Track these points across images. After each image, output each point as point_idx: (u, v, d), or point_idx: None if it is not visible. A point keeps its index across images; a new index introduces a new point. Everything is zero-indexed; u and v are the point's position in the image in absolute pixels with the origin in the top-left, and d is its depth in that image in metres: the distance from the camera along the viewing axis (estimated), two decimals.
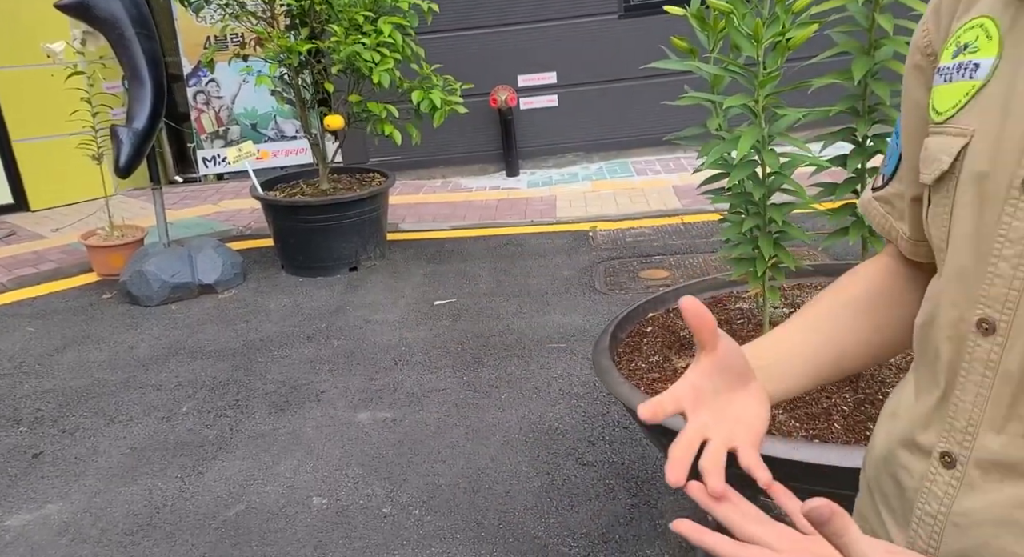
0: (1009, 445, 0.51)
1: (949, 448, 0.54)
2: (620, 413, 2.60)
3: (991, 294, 0.51)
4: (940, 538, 0.55)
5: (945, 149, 0.55)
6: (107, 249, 4.16)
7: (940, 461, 0.55)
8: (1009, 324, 0.50)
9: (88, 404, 2.98)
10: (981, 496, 0.52)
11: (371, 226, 4.16)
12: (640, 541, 2.03)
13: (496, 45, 5.44)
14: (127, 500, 2.38)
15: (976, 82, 0.54)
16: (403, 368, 3.06)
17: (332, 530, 2.18)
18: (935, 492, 0.55)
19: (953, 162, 0.54)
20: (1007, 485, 0.51)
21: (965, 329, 0.53)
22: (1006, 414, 0.50)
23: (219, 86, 5.81)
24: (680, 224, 4.39)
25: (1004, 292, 0.50)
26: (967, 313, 0.53)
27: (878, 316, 0.69)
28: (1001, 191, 0.51)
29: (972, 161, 0.53)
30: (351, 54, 3.72)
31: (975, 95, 0.54)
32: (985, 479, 0.52)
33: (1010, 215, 0.50)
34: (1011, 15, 0.53)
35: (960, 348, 0.53)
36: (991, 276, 0.51)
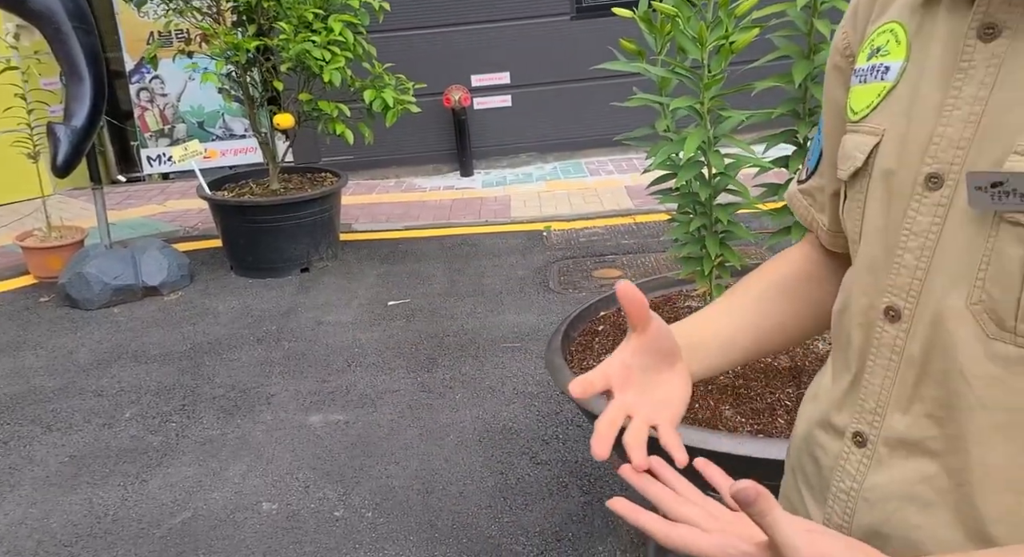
0: (913, 425, 0.54)
1: (860, 428, 0.57)
2: (573, 412, 2.61)
3: (897, 283, 0.54)
4: (853, 513, 0.57)
5: (859, 147, 0.58)
6: (45, 251, 4.00)
7: (853, 440, 0.58)
8: (912, 311, 0.53)
9: (23, 412, 2.86)
10: (888, 472, 0.55)
11: (323, 226, 4.10)
12: (593, 538, 2.05)
13: (449, 45, 5.42)
14: (65, 510, 2.29)
15: (886, 84, 0.57)
16: (356, 370, 3.02)
17: (282, 535, 2.14)
18: (848, 470, 0.58)
19: (866, 159, 0.57)
20: (911, 461, 0.54)
21: (874, 316, 0.56)
22: (910, 395, 0.54)
23: (164, 83, 5.65)
24: (632, 224, 4.44)
25: (908, 281, 0.53)
26: (876, 301, 0.56)
27: (796, 301, 0.72)
28: (907, 187, 0.54)
29: (882, 159, 0.56)
30: (301, 52, 3.66)
31: (885, 96, 0.57)
32: (892, 456, 0.55)
33: (915, 210, 0.53)
34: (917, 21, 0.56)
35: (869, 334, 0.56)
36: (897, 266, 0.54)
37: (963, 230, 0.50)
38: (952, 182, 0.51)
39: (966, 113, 0.51)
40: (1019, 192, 0.46)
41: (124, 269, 3.75)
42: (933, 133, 0.52)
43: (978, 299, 0.49)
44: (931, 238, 0.52)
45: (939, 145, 0.52)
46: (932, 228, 0.52)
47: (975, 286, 0.49)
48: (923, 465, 0.53)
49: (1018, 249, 0.47)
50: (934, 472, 0.53)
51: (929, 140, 0.53)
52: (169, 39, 5.25)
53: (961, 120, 0.51)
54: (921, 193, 0.53)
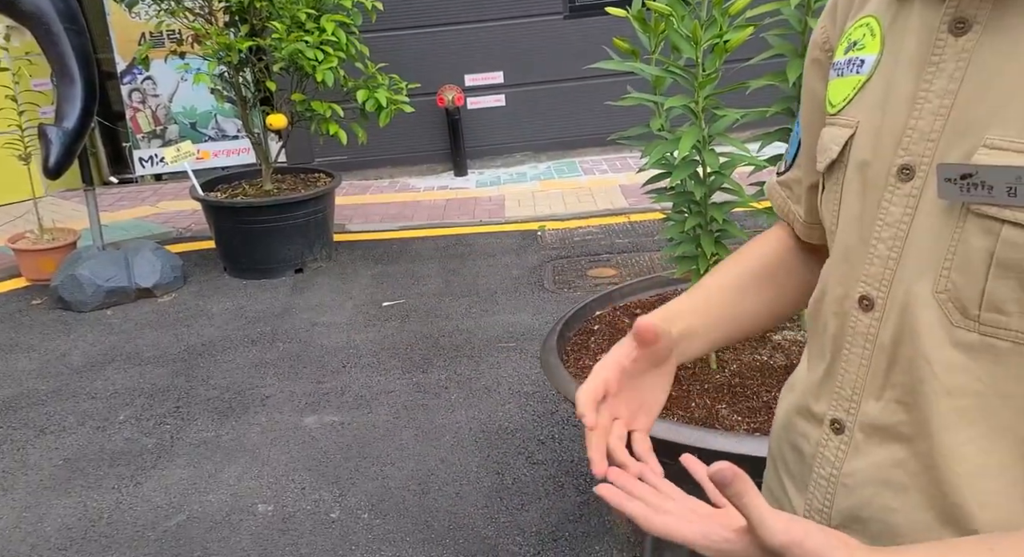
0: (884, 410, 0.55)
1: (838, 415, 0.58)
2: (569, 411, 2.61)
3: (870, 273, 0.55)
4: (833, 498, 0.59)
5: (834, 139, 0.59)
6: (37, 253, 3.98)
7: (831, 428, 0.59)
8: (885, 301, 0.54)
9: (16, 415, 2.85)
10: (864, 458, 0.56)
11: (317, 227, 4.09)
12: (589, 538, 2.05)
13: (442, 44, 5.42)
14: (60, 514, 2.28)
15: (861, 77, 0.58)
16: (351, 371, 3.01)
17: (278, 537, 2.13)
18: (827, 456, 0.59)
19: (841, 151, 0.58)
20: (884, 447, 0.55)
21: (848, 306, 0.57)
22: (882, 383, 0.55)
23: (155, 84, 5.62)
24: (627, 223, 4.44)
25: (881, 271, 0.54)
26: (851, 290, 0.57)
27: (771, 289, 0.74)
28: (881, 179, 0.55)
29: (857, 150, 0.57)
30: (293, 52, 3.65)
31: (860, 89, 0.58)
32: (867, 442, 0.56)
33: (888, 201, 0.54)
34: (891, 14, 0.57)
35: (844, 323, 0.57)
36: (871, 256, 0.55)
37: (932, 220, 0.51)
38: (923, 173, 0.52)
39: (936, 106, 0.52)
40: (987, 184, 0.47)
41: (117, 271, 3.73)
42: (906, 125, 0.53)
43: (943, 288, 0.50)
44: (902, 228, 0.53)
45: (911, 137, 0.53)
46: (903, 218, 0.53)
47: (941, 275, 0.50)
48: (895, 450, 0.54)
49: (984, 240, 0.48)
50: (905, 456, 0.54)
51: (902, 132, 0.53)
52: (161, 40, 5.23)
53: (932, 113, 0.52)
54: (894, 184, 0.54)
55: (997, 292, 0.47)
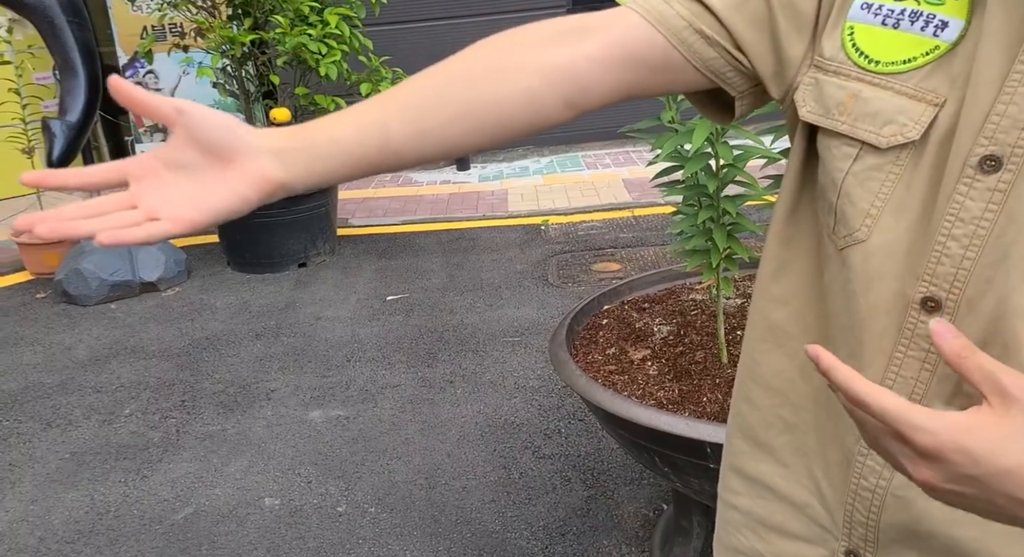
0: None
1: None
2: (576, 406, 2.61)
3: (938, 273, 0.49)
4: (880, 511, 0.54)
5: (908, 113, 0.50)
6: (41, 247, 3.97)
7: None
8: (957, 303, 0.49)
9: (23, 408, 2.84)
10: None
11: (320, 221, 4.08)
12: (597, 532, 2.05)
13: (445, 38, 5.40)
14: (67, 507, 2.28)
15: (941, 43, 0.49)
16: (356, 365, 3.01)
17: (285, 531, 2.13)
18: (872, 467, 0.54)
19: (924, 132, 0.50)
20: None
21: (905, 304, 0.51)
22: (953, 390, 0.51)
23: (158, 78, 5.60)
24: (631, 217, 4.44)
25: (952, 271, 0.49)
26: (908, 289, 0.51)
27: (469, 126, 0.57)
28: (955, 168, 0.48)
29: (938, 134, 0.50)
30: (297, 45, 3.64)
31: (940, 57, 0.49)
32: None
33: (962, 194, 0.48)
34: None
35: (899, 323, 0.52)
36: (938, 255, 0.49)
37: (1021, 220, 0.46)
38: (1014, 167, 0.46)
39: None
40: None
41: (121, 265, 3.73)
42: (991, 110, 0.46)
43: None
44: (984, 226, 0.47)
45: (998, 124, 0.46)
46: (985, 216, 0.47)
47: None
48: None
49: None
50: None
51: (986, 117, 0.47)
52: (163, 33, 5.21)
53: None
54: (972, 176, 0.47)
55: None
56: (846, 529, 0.57)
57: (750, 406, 0.66)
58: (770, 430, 0.63)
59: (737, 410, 0.68)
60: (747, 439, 0.67)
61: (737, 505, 0.69)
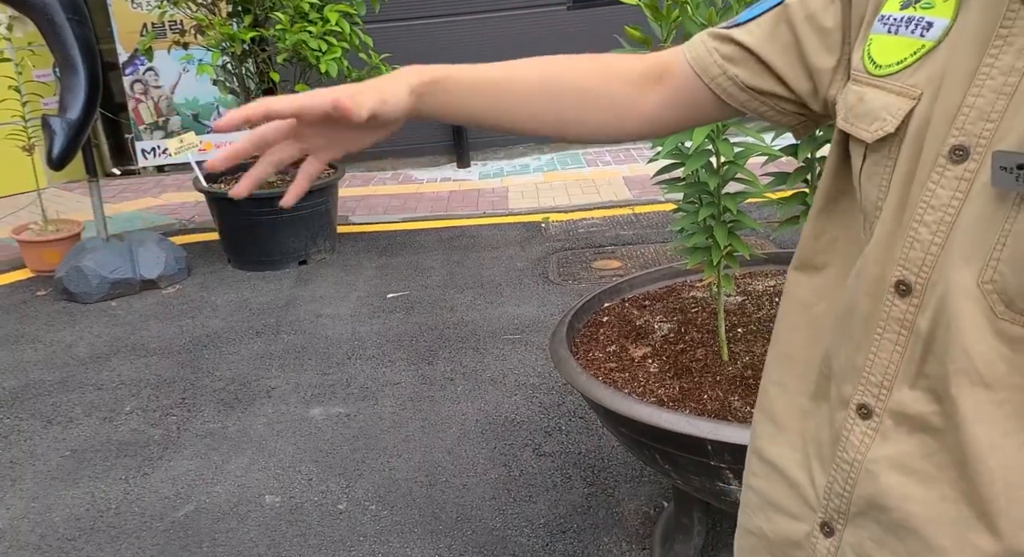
0: (918, 400, 0.53)
1: (865, 400, 0.56)
2: (576, 403, 2.61)
3: (910, 257, 0.52)
4: (855, 483, 0.57)
5: (890, 109, 0.54)
6: (41, 244, 3.97)
7: (857, 412, 0.57)
8: (924, 287, 0.52)
9: (23, 405, 2.85)
10: (892, 446, 0.55)
11: (320, 219, 4.08)
12: (597, 530, 2.05)
13: (445, 35, 5.39)
14: (68, 504, 2.28)
15: (927, 42, 0.53)
16: (356, 362, 3.01)
17: (286, 528, 2.13)
18: (852, 441, 0.57)
19: (900, 125, 0.54)
20: (914, 437, 0.54)
21: (883, 288, 0.54)
22: (917, 371, 0.53)
23: (158, 75, 5.60)
24: (631, 214, 4.43)
25: (922, 256, 0.52)
26: (886, 273, 0.54)
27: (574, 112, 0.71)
28: (930, 158, 0.51)
29: (917, 126, 0.53)
30: (297, 43, 3.63)
31: (924, 56, 0.53)
32: (897, 430, 0.55)
33: (935, 182, 0.51)
34: None
35: (877, 306, 0.55)
36: (911, 240, 0.52)
37: (983, 207, 0.48)
38: (978, 156, 0.49)
39: (1000, 84, 0.48)
40: None
41: (121, 262, 3.73)
42: (962, 103, 0.49)
43: (990, 278, 0.48)
44: (950, 213, 0.50)
45: (967, 116, 0.49)
46: (952, 203, 0.50)
47: (988, 265, 0.48)
48: (925, 440, 0.53)
49: None
50: (935, 448, 0.53)
51: (958, 109, 0.50)
52: (163, 30, 5.20)
53: (993, 91, 0.48)
54: (944, 165, 0.50)
55: None
56: (825, 501, 0.60)
57: (780, 389, 0.69)
58: (791, 415, 0.66)
59: (765, 392, 0.71)
60: (771, 422, 0.69)
61: (754, 487, 0.71)
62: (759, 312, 1.89)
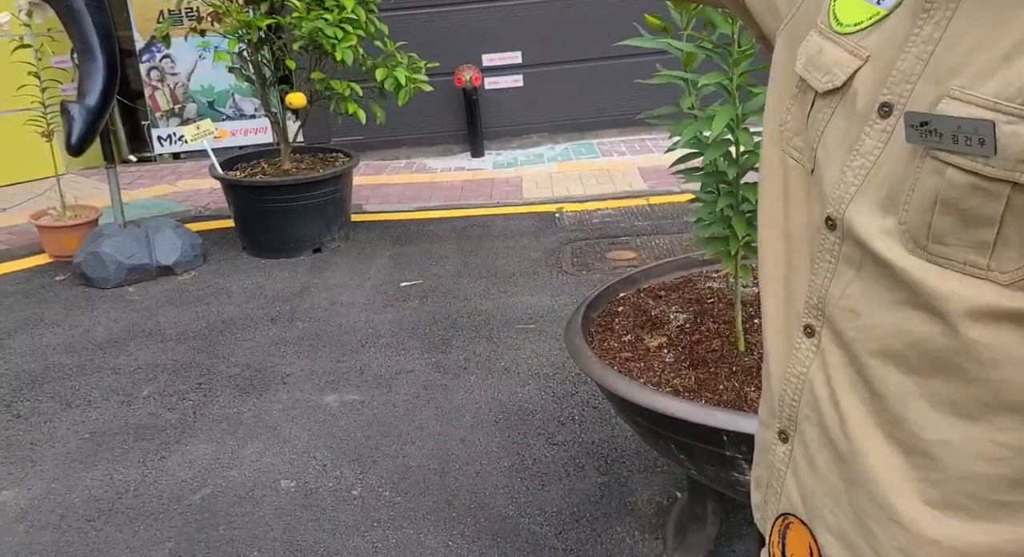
0: (839, 316, 0.62)
1: (809, 321, 0.65)
2: (589, 393, 2.61)
3: (837, 196, 0.60)
4: (800, 394, 0.66)
5: (841, 65, 0.62)
6: (60, 230, 4.01)
7: (804, 332, 0.65)
8: (843, 222, 0.60)
9: (43, 388, 2.88)
10: (828, 357, 0.63)
11: (335, 207, 4.09)
12: (610, 519, 2.05)
13: (460, 23, 5.37)
14: (87, 486, 2.32)
15: (880, 10, 0.60)
16: (370, 350, 3.03)
17: (301, 513, 2.15)
18: (799, 357, 0.66)
19: (846, 81, 0.61)
20: (839, 350, 0.62)
21: (819, 224, 0.62)
22: (842, 292, 0.62)
23: (174, 62, 5.62)
24: (646, 205, 4.41)
25: (842, 196, 0.60)
26: (821, 211, 0.62)
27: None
28: (865, 112, 0.59)
29: (858, 82, 0.60)
30: (313, 30, 3.63)
31: (877, 22, 0.60)
32: (831, 344, 0.63)
33: (866, 134, 0.59)
34: None
35: (815, 240, 0.63)
36: (840, 182, 0.60)
37: (900, 158, 0.56)
38: (898, 113, 0.56)
39: (920, 51, 0.56)
40: (938, 132, 0.53)
41: (138, 248, 3.76)
42: (894, 66, 0.57)
43: (903, 220, 0.56)
44: (871, 160, 0.58)
45: (895, 77, 0.57)
46: (874, 151, 0.58)
47: (903, 209, 0.56)
48: (846, 351, 0.61)
49: (934, 179, 0.53)
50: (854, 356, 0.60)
51: (889, 71, 0.58)
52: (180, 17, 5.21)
53: (915, 57, 0.56)
54: (874, 119, 0.58)
55: (939, 226, 0.54)
56: (779, 410, 0.68)
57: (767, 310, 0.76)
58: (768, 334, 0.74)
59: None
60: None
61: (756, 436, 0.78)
62: None
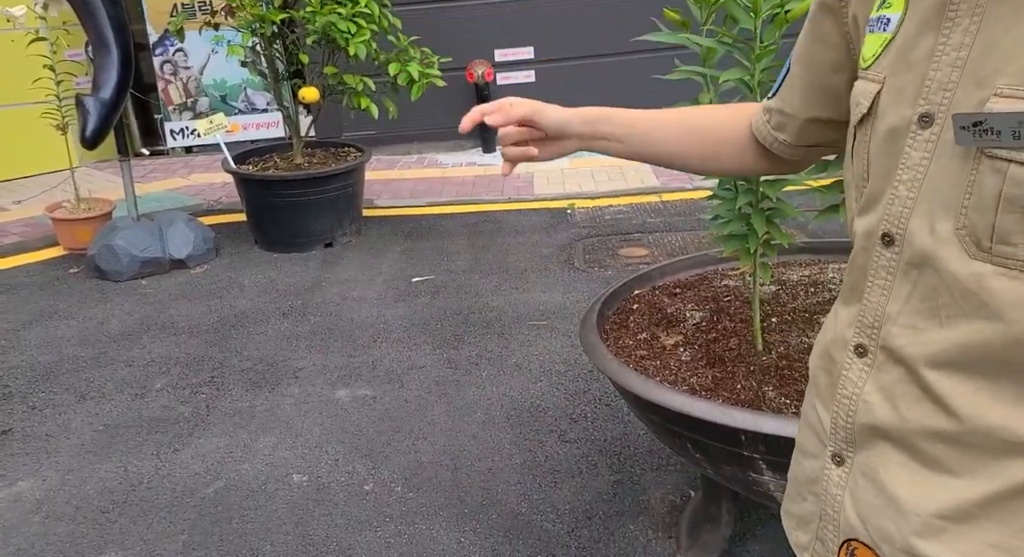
0: (899, 334, 0.62)
1: (861, 341, 0.65)
2: (601, 390, 2.60)
3: (892, 212, 0.61)
4: (854, 415, 0.65)
5: (864, 94, 0.65)
6: (74, 222, 4.03)
7: (855, 352, 0.65)
8: (903, 237, 0.60)
9: (58, 380, 2.90)
10: (884, 376, 0.63)
11: (347, 202, 4.09)
12: (623, 517, 2.04)
13: (473, 18, 5.35)
14: (101, 477, 2.33)
15: (887, 35, 0.63)
16: (382, 345, 3.03)
17: (313, 507, 2.16)
18: (851, 377, 0.66)
19: (870, 105, 0.64)
20: (898, 367, 0.62)
21: (873, 242, 0.63)
22: (900, 309, 0.62)
23: (187, 56, 5.63)
24: (659, 202, 4.39)
25: (901, 210, 0.60)
26: (875, 229, 0.63)
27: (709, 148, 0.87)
28: (904, 128, 0.60)
29: (884, 104, 0.63)
30: (326, 24, 3.63)
31: (886, 46, 0.63)
32: (886, 363, 0.63)
33: (909, 146, 0.60)
34: None
35: (869, 258, 0.64)
36: (892, 198, 0.61)
37: (950, 164, 0.56)
38: (941, 121, 0.57)
39: (953, 58, 0.57)
40: (995, 129, 0.53)
41: (151, 242, 3.77)
42: (925, 77, 0.59)
43: (962, 225, 0.56)
44: (921, 171, 0.59)
45: (930, 88, 0.58)
46: (922, 162, 0.59)
47: (960, 213, 0.56)
48: (903, 369, 0.61)
49: (994, 178, 0.53)
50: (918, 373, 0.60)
51: (922, 83, 0.59)
52: (192, 11, 5.22)
53: (948, 65, 0.57)
54: (915, 131, 0.59)
55: (1004, 225, 0.53)
56: (832, 435, 0.68)
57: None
58: (820, 376, 0.73)
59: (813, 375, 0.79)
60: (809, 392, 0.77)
61: (791, 470, 0.78)
62: (794, 302, 1.86)
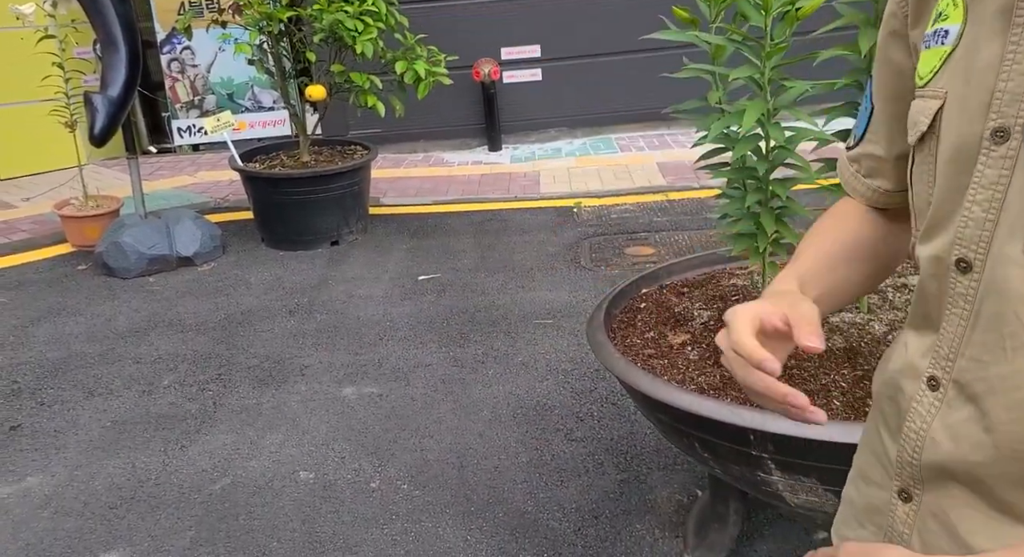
0: (970, 368, 0.57)
1: (935, 373, 0.60)
2: (608, 389, 2.60)
3: (966, 235, 0.56)
4: (921, 451, 0.61)
5: (923, 111, 0.60)
6: (82, 219, 4.05)
7: (927, 384, 0.61)
8: (983, 263, 0.55)
9: (66, 376, 2.91)
10: (955, 413, 0.59)
11: (353, 200, 4.09)
12: (630, 516, 2.04)
13: (480, 16, 5.35)
14: (109, 473, 2.34)
15: (946, 48, 0.59)
16: (388, 343, 3.03)
17: (320, 504, 2.16)
18: (920, 411, 0.61)
19: (931, 123, 0.59)
20: (969, 403, 0.58)
21: (944, 268, 0.58)
22: (968, 339, 0.57)
23: (194, 54, 5.64)
24: (665, 201, 4.38)
25: (978, 233, 0.55)
26: (945, 254, 0.58)
27: (870, 262, 0.76)
28: (973, 144, 0.56)
29: (947, 120, 0.58)
30: (333, 22, 3.63)
31: (946, 60, 0.59)
32: (958, 398, 0.58)
33: (983, 164, 0.55)
34: None
35: (943, 286, 0.59)
36: (965, 220, 0.56)
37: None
38: (1019, 134, 0.53)
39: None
40: None
41: (159, 239, 3.78)
42: (995, 89, 0.54)
43: None
44: (999, 189, 0.54)
45: (1002, 100, 0.54)
46: (1000, 180, 0.54)
47: None
48: (975, 406, 0.57)
49: None
50: (984, 411, 0.56)
51: (992, 96, 0.54)
52: (200, 9, 5.23)
53: (1021, 74, 0.53)
54: (988, 147, 0.54)
55: None
56: (898, 470, 0.64)
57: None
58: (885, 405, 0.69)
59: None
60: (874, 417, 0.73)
61: (854, 460, 0.75)
62: None
